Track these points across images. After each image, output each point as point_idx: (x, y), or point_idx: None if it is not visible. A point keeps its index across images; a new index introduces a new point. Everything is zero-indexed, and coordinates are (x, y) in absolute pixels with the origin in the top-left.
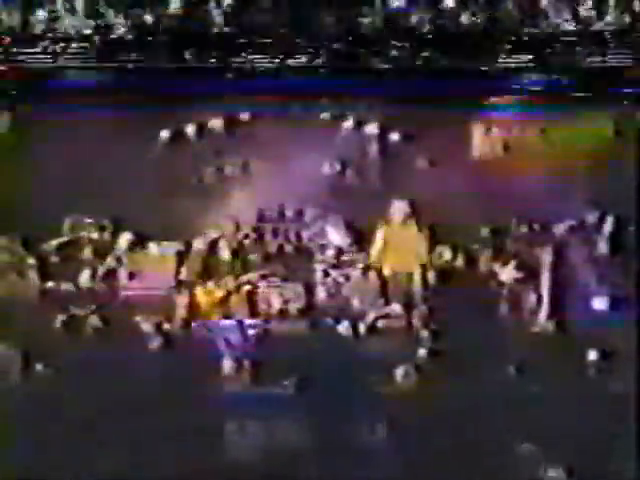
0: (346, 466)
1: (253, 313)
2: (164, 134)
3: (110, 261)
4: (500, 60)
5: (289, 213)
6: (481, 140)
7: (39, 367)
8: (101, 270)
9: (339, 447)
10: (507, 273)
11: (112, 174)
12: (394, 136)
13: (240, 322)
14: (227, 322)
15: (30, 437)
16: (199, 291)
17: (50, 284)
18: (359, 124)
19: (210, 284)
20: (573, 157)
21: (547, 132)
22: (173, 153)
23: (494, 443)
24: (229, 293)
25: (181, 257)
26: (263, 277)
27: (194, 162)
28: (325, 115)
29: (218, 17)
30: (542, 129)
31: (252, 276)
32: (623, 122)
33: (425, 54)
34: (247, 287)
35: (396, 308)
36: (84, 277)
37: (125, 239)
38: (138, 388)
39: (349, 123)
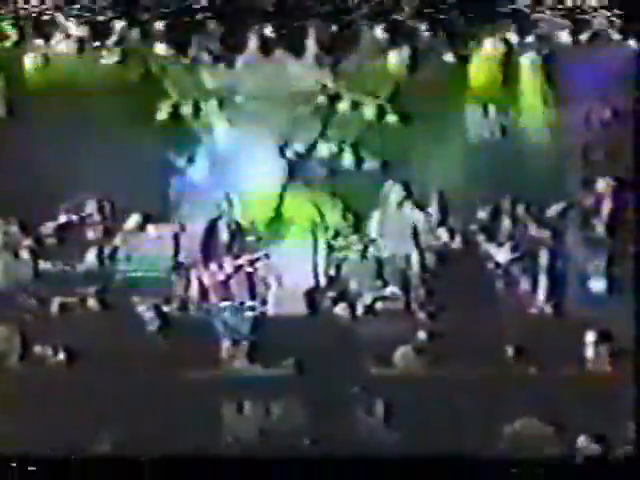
0: (344, 448)
1: (251, 295)
2: (161, 115)
3: (117, 242)
4: None
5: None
6: (478, 122)
7: (37, 349)
8: (107, 251)
9: (337, 429)
10: (503, 254)
11: (109, 156)
12: (391, 117)
13: (238, 304)
14: (226, 304)
15: (29, 419)
16: (197, 273)
17: (47, 266)
18: (355, 105)
19: (208, 266)
20: (570, 138)
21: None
22: (169, 133)
23: (492, 424)
24: (228, 275)
25: (179, 238)
26: (259, 259)
27: (187, 141)
28: (321, 98)
29: None
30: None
31: (250, 258)
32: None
33: None
34: (245, 269)
35: (394, 290)
36: (89, 258)
37: (134, 220)
38: (136, 370)
39: (345, 104)
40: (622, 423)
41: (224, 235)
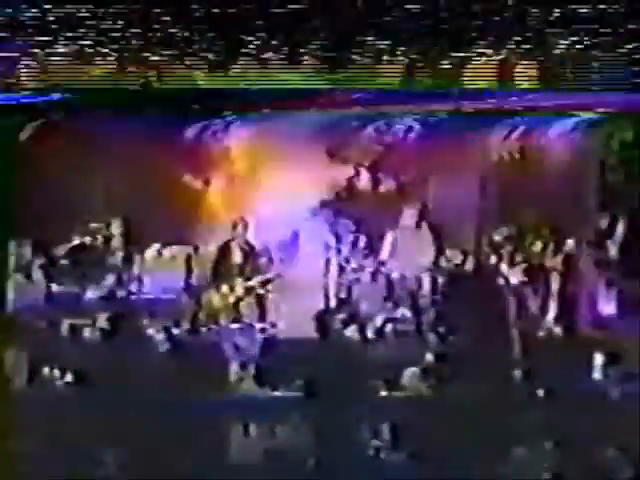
0: (352, 470)
1: (262, 317)
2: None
3: (136, 269)
4: None
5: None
6: (495, 144)
7: (46, 371)
8: (126, 277)
9: (345, 451)
10: (516, 274)
11: (121, 177)
12: (405, 139)
13: (249, 326)
14: (236, 326)
15: (36, 442)
16: (209, 295)
17: (58, 288)
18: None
19: (220, 288)
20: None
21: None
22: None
23: (500, 447)
24: (239, 297)
25: (191, 260)
26: (271, 280)
27: (201, 164)
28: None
29: None
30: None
31: (261, 279)
32: None
33: None
34: (257, 291)
35: (405, 312)
36: (109, 282)
37: (153, 251)
38: (146, 392)
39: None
40: (631, 446)
41: (236, 257)
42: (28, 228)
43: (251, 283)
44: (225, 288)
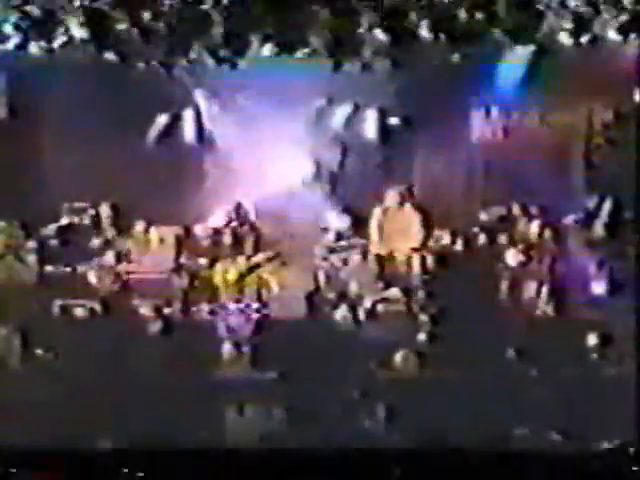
0: (344, 450)
1: (257, 297)
2: (162, 119)
3: (125, 249)
4: None
5: (287, 198)
6: (481, 124)
7: (39, 352)
8: (116, 257)
9: (337, 432)
10: (514, 256)
11: (111, 158)
12: (393, 120)
13: (242, 306)
14: (230, 307)
15: (29, 423)
16: (199, 275)
17: (49, 268)
18: (357, 108)
19: (211, 267)
20: (572, 141)
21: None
22: (172, 138)
23: (493, 427)
24: (233, 278)
25: (181, 241)
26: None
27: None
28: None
29: None
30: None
31: (259, 258)
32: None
33: None
34: (251, 271)
35: (395, 292)
36: (108, 258)
37: (142, 231)
38: (138, 373)
39: (347, 107)
40: (624, 425)
41: (226, 238)
42: (16, 208)
43: (242, 263)
44: (219, 268)
